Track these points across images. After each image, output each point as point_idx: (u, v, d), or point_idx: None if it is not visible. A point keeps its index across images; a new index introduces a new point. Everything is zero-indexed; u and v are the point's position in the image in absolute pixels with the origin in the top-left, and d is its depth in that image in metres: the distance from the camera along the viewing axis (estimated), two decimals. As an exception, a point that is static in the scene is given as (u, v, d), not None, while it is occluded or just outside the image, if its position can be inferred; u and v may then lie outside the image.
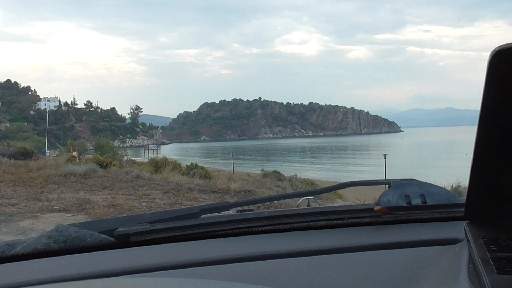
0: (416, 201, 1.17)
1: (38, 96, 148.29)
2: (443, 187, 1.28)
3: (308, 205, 1.57)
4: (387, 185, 1.23)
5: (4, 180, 10.81)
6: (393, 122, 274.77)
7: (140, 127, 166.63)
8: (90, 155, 27.97)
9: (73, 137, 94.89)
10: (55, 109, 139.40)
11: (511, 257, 0.75)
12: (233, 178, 14.50)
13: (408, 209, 1.16)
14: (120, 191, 9.93)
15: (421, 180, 1.25)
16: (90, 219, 6.76)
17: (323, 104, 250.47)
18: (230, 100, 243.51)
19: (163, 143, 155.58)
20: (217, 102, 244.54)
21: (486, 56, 0.69)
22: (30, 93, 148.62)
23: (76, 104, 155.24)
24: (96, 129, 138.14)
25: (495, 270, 0.71)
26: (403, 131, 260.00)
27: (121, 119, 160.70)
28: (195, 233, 1.13)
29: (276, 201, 7.43)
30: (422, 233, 1.06)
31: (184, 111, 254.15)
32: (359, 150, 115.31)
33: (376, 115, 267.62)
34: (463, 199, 0.97)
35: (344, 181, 1.44)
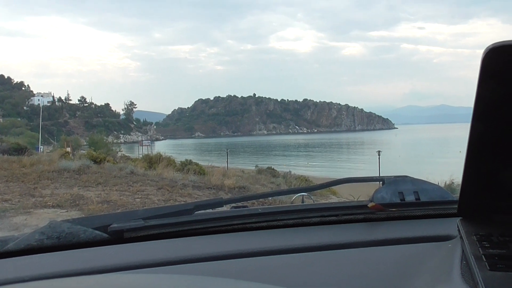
0: (410, 198, 1.17)
1: (32, 91, 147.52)
2: (437, 184, 1.28)
3: (302, 201, 1.57)
4: (380, 182, 1.23)
5: (-3, 176, 10.74)
6: (387, 119, 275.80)
7: (134, 123, 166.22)
8: (84, 151, 27.90)
9: (66, 133, 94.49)
10: (48, 104, 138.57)
11: (504, 254, 0.75)
12: (228, 175, 14.46)
13: (401, 206, 1.16)
14: (114, 187, 9.88)
15: (415, 177, 1.25)
16: (83, 215, 6.73)
17: (318, 101, 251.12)
18: (225, 96, 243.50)
19: (157, 139, 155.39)
20: (212, 98, 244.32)
21: (480, 53, 0.69)
22: (23, 88, 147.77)
23: (70, 100, 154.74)
24: (90, 125, 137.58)
25: (488, 267, 0.71)
26: (397, 128, 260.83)
27: (115, 115, 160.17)
28: (189, 230, 1.12)
29: (270, 198, 7.42)
30: (415, 230, 1.06)
31: (179, 107, 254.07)
32: (353, 147, 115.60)
33: (370, 112, 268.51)
34: (456, 196, 0.98)
35: (338, 178, 1.44)
